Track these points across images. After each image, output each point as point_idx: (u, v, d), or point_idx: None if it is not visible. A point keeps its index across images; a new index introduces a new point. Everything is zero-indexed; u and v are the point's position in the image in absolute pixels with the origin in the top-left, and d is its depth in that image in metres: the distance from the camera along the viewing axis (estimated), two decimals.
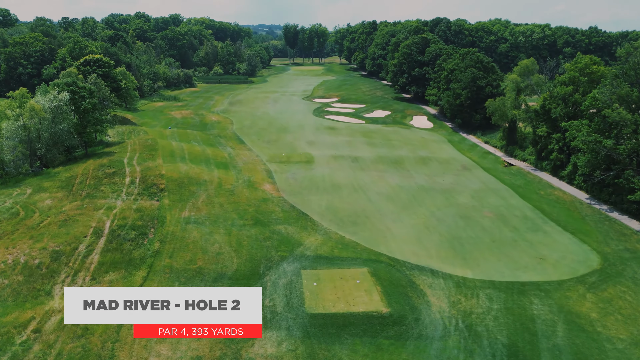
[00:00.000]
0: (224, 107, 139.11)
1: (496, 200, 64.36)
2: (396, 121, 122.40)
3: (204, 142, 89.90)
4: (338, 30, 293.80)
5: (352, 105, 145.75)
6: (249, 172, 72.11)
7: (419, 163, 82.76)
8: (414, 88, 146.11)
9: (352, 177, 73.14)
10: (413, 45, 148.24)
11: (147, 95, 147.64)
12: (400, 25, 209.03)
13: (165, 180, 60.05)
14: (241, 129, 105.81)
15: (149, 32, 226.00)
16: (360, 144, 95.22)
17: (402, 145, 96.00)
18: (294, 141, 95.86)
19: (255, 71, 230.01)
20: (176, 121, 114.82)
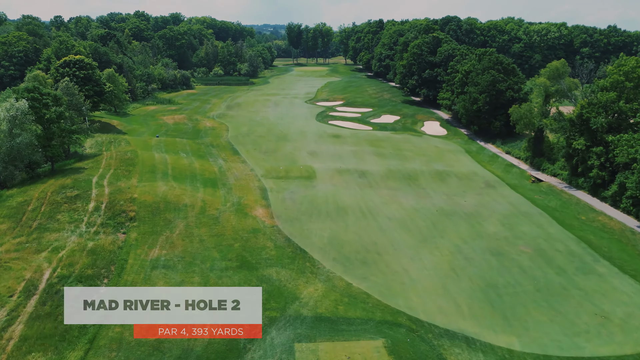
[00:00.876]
0: (220, 111, 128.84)
1: (531, 229, 53.72)
2: (406, 127, 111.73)
3: (193, 153, 79.69)
4: (343, 30, 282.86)
5: (358, 109, 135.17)
6: (240, 191, 61.81)
7: (436, 179, 72.15)
8: (424, 91, 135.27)
9: (359, 197, 62.70)
10: (423, 45, 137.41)
11: (139, 98, 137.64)
12: (409, 24, 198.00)
13: (136, 207, 49.80)
14: (236, 137, 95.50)
15: (146, 31, 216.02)
16: (367, 155, 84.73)
17: (414, 156, 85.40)
18: (294, 151, 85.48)
19: (257, 72, 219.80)
20: (167, 128, 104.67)
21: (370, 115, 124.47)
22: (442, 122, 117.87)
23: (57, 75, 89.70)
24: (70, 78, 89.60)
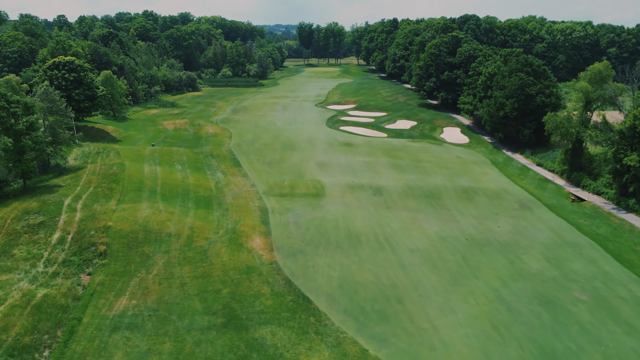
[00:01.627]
0: (225, 115, 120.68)
1: (583, 267, 44.31)
2: (424, 134, 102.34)
3: (190, 165, 71.43)
4: (355, 30, 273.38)
5: (371, 113, 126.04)
6: (238, 213, 53.27)
7: (462, 197, 62.87)
8: (442, 94, 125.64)
9: (374, 220, 53.76)
10: (442, 45, 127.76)
11: (141, 101, 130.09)
12: (425, 23, 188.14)
13: (109, 238, 41.46)
14: (239, 146, 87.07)
15: (152, 31, 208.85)
16: (383, 167, 75.70)
17: (435, 168, 76.16)
18: (301, 163, 76.80)
19: (266, 73, 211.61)
20: (166, 134, 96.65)
21: (384, 121, 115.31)
22: (463, 128, 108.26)
23: (45, 78, 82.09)
24: (59, 81, 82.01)
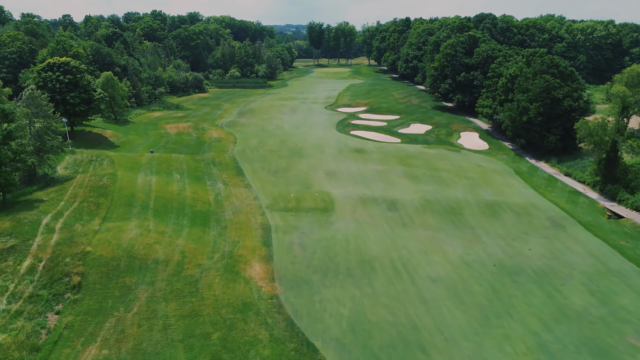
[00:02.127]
0: (231, 118, 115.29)
1: (633, 302, 37.90)
2: (440, 140, 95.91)
3: (189, 174, 65.99)
4: (367, 29, 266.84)
5: (384, 116, 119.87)
6: (237, 231, 47.64)
7: (486, 213, 56.58)
8: (458, 96, 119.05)
9: (389, 241, 47.80)
10: (458, 45, 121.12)
11: (145, 103, 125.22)
12: (438, 22, 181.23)
13: (85, 267, 35.97)
14: (244, 152, 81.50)
15: (159, 31, 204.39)
16: (397, 177, 69.61)
17: (454, 178, 69.88)
18: (309, 171, 71.01)
19: (275, 74, 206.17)
20: (167, 139, 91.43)
21: (397, 125, 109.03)
22: (481, 133, 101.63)
23: (39, 81, 77.21)
24: (54, 84, 77.11)
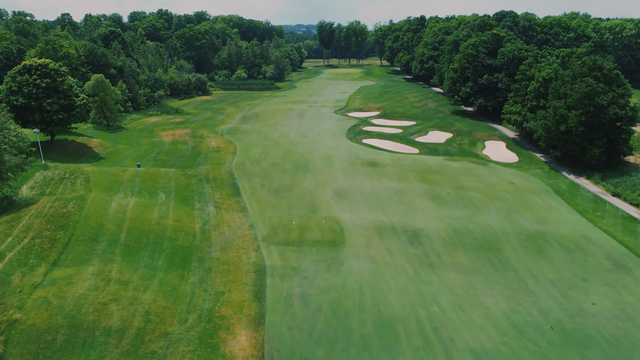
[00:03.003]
0: (233, 124, 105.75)
1: None
2: (464, 150, 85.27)
3: (177, 195, 56.43)
4: (379, 29, 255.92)
5: (399, 122, 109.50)
6: (223, 276, 37.89)
7: (529, 249, 46.14)
8: (480, 101, 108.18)
9: (414, 291, 37.69)
10: (480, 45, 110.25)
11: (142, 107, 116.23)
12: (455, 20, 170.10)
13: (6, 345, 26.43)
14: (243, 165, 71.79)
15: (163, 30, 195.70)
16: (418, 197, 59.37)
17: (484, 199, 59.42)
18: (315, 190, 61.05)
19: (283, 75, 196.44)
20: (160, 149, 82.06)
21: (414, 132, 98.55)
22: (508, 142, 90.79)
23: (13, 85, 68.17)
24: (30, 88, 68.04)
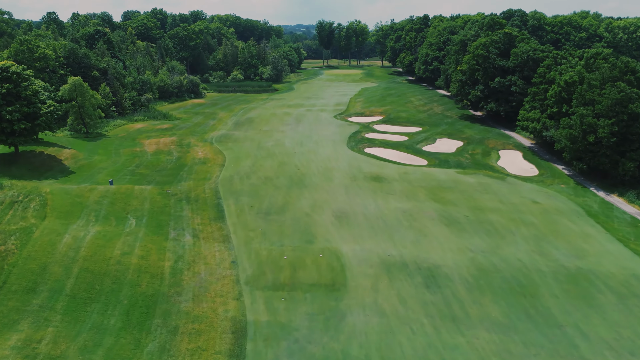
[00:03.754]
0: (224, 130, 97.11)
1: None
2: (477, 162, 76.59)
3: (150, 220, 47.82)
4: (380, 28, 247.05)
5: (403, 128, 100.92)
6: (191, 341, 29.31)
7: (572, 294, 37.50)
8: (492, 105, 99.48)
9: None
10: (491, 45, 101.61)
11: (128, 112, 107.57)
12: (461, 19, 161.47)
13: None
14: (230, 181, 63.16)
15: (154, 30, 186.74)
16: (431, 222, 50.75)
17: (508, 224, 50.77)
18: (312, 212, 52.46)
19: (281, 76, 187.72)
20: (140, 160, 73.41)
21: (421, 140, 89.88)
22: (524, 152, 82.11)
23: None
24: None
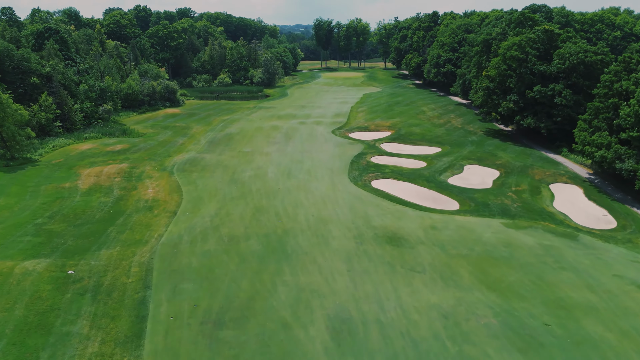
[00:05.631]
0: (194, 152, 75.84)
1: None
2: (528, 205, 54.91)
3: (5, 349, 26.68)
4: (383, 27, 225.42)
5: (418, 148, 79.79)
6: None
7: None
8: (530, 120, 78.14)
9: None
10: (528, 45, 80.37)
11: (79, 127, 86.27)
12: (477, 16, 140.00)
13: None
14: (175, 247, 41.75)
15: (129, 28, 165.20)
16: (493, 343, 29.38)
17: (624, 346, 29.59)
18: (293, 321, 31.07)
19: (274, 80, 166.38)
20: (62, 205, 52.02)
21: (444, 167, 68.45)
22: (585, 187, 60.71)
23: None
24: None
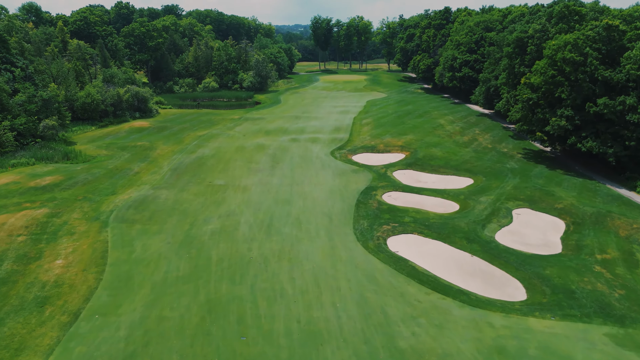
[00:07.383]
0: (148, 187, 56.46)
1: None
2: (631, 291, 35.77)
3: None
4: (386, 25, 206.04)
5: (443, 179, 60.48)
6: None
7: None
8: (592, 144, 58.80)
9: None
10: (586, 44, 60.99)
11: (9, 149, 67.04)
12: (498, 12, 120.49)
13: None
14: None
15: (98, 25, 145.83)
16: None
17: None
18: None
19: (266, 84, 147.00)
20: None
21: (485, 213, 48.82)
22: None
23: None
24: None
